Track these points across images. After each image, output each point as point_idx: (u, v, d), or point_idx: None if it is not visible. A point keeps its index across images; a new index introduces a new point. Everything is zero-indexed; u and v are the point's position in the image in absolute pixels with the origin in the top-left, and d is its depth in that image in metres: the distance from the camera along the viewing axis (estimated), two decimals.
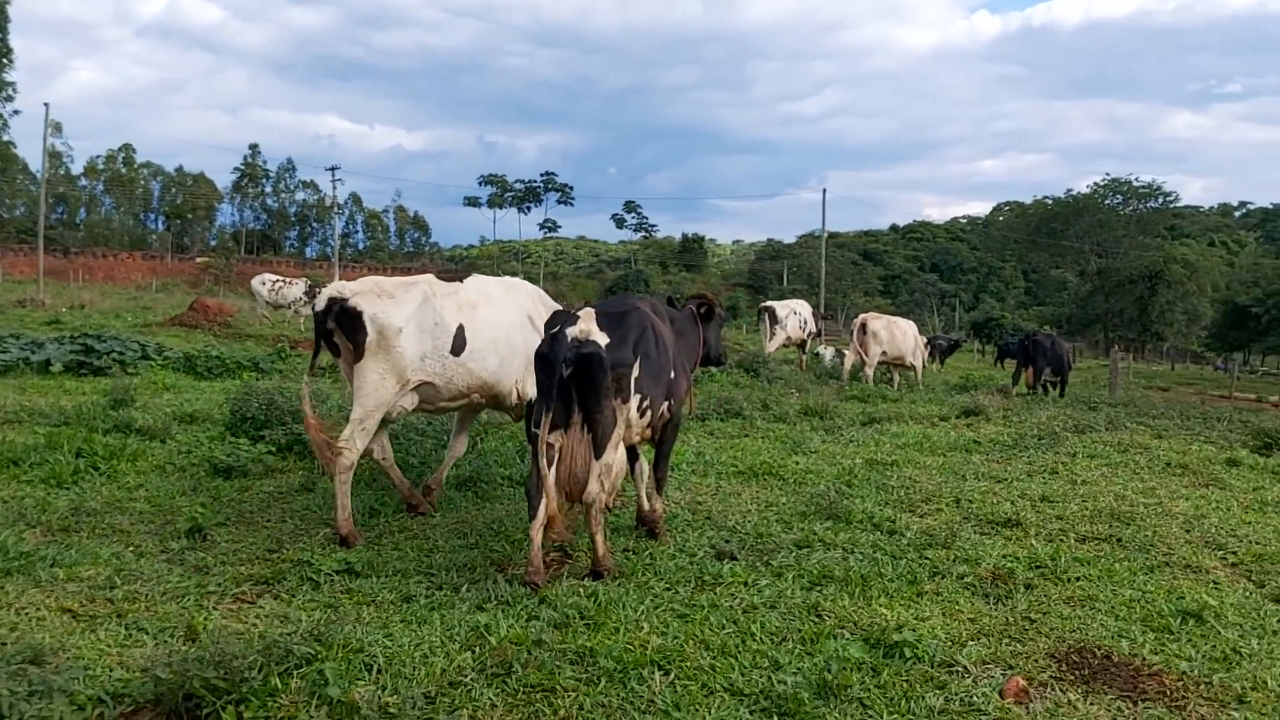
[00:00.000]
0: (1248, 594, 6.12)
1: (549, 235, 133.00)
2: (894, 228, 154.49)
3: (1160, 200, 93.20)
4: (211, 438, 9.77)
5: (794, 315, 24.75)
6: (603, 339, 5.65)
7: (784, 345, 24.95)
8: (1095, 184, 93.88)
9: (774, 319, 24.52)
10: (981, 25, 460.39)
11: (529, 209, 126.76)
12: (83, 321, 26.55)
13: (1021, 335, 24.97)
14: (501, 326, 7.32)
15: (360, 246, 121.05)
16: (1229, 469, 10.44)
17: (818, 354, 31.00)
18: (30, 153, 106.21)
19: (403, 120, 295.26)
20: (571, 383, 5.61)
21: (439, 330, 6.95)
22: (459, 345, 7.02)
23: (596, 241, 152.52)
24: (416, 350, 6.85)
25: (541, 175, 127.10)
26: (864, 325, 21.35)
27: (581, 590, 5.49)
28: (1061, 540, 7.14)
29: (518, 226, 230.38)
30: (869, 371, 21.21)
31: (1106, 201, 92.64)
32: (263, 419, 9.60)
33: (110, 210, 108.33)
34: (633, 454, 6.92)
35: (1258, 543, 7.28)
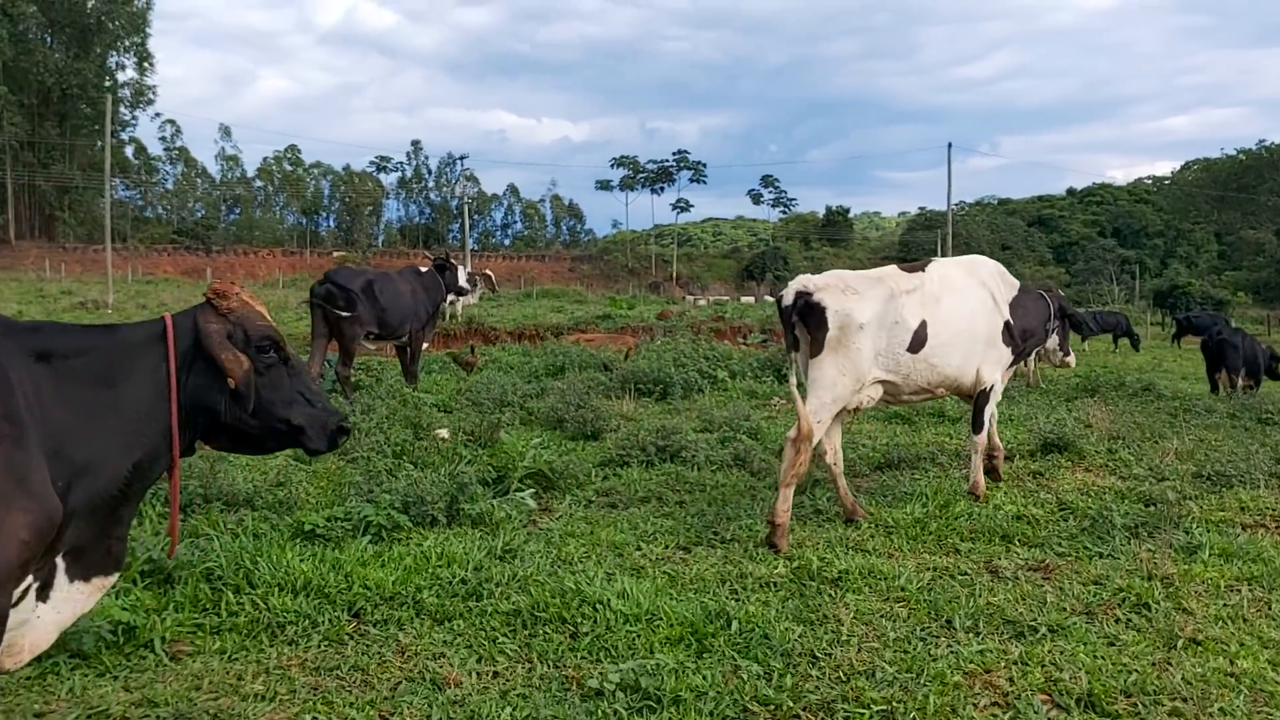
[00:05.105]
0: None
1: (703, 218, 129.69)
2: (1071, 191, 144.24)
3: None
4: None
5: None
6: None
7: None
8: None
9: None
10: None
11: (662, 189, 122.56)
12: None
13: (1212, 321, 18.84)
14: (964, 318, 7.09)
15: (519, 235, 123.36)
16: None
17: None
18: (204, 156, 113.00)
19: (568, 112, 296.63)
20: None
21: (898, 329, 6.77)
22: (918, 343, 6.82)
23: (755, 220, 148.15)
24: (872, 348, 6.69)
25: (674, 154, 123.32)
26: None
27: None
28: None
29: (651, 208, 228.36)
30: (1031, 367, 15.91)
31: None
32: None
33: (282, 210, 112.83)
34: None
35: None
